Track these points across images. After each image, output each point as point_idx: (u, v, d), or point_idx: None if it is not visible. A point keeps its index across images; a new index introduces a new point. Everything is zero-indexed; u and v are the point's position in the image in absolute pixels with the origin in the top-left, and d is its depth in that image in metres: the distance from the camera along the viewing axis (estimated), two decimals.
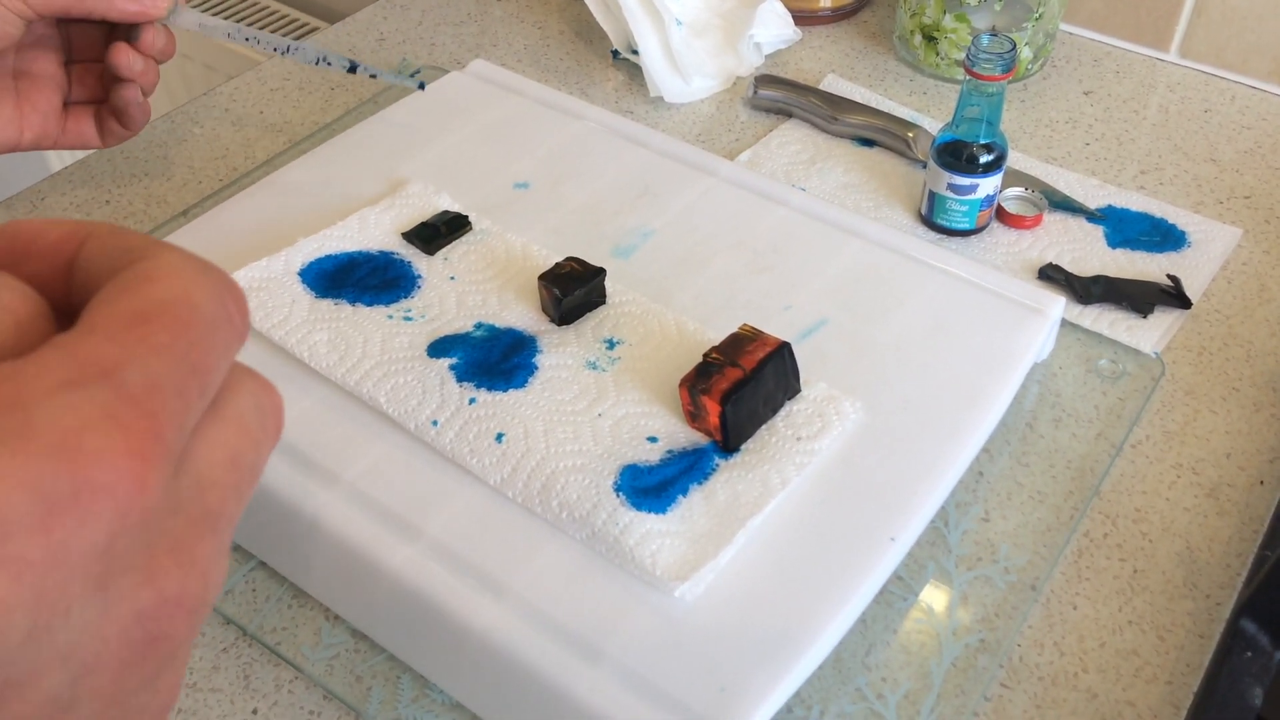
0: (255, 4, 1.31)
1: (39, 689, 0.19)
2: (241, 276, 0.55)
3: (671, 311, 0.54)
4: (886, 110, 0.75)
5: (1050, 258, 0.65)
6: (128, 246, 0.22)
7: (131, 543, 0.20)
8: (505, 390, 0.50)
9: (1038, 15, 0.76)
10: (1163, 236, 0.67)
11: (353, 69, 0.55)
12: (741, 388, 0.47)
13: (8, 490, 0.18)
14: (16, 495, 0.18)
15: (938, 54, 0.78)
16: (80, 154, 1.55)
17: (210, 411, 0.22)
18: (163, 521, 0.20)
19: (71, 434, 0.19)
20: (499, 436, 0.48)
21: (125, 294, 0.21)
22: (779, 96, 0.76)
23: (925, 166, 0.68)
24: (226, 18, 1.30)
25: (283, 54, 0.59)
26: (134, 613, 0.20)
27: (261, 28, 1.29)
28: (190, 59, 1.33)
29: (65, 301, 0.23)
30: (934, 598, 0.49)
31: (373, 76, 0.57)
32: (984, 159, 0.63)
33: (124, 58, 0.59)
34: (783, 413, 0.50)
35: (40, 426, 0.18)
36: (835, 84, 0.79)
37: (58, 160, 1.68)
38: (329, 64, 0.56)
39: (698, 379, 0.48)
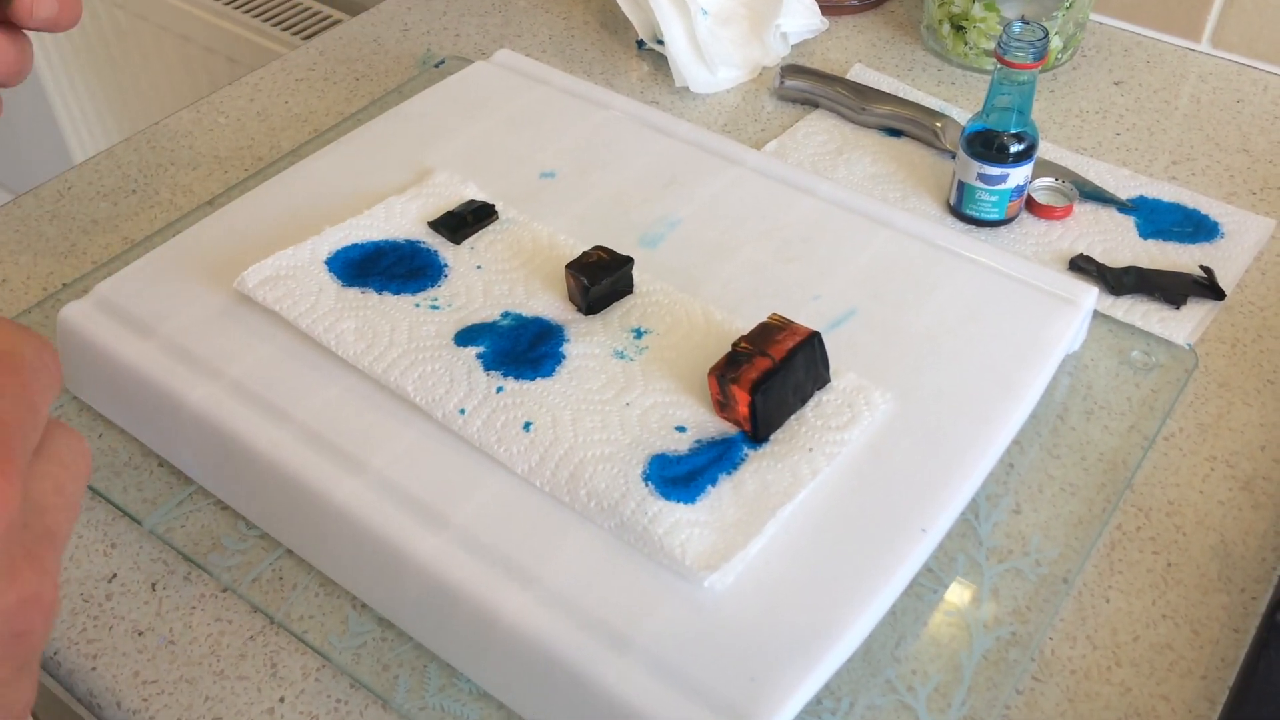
0: None
1: None
2: (268, 265, 0.55)
3: (699, 301, 0.54)
4: (914, 100, 0.74)
5: (1081, 248, 0.64)
6: None
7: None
8: (533, 379, 0.50)
9: (1068, 5, 0.75)
10: (1195, 227, 0.66)
11: None
12: (771, 377, 0.47)
13: None
14: None
15: (966, 44, 0.78)
16: (105, 144, 1.54)
17: (36, 449, 0.26)
18: (19, 534, 0.24)
19: None
20: (527, 425, 0.48)
21: None
22: (805, 87, 0.75)
23: (954, 157, 0.67)
24: (247, 12, 1.30)
25: None
26: (2, 611, 0.23)
27: (286, 20, 1.29)
28: (213, 51, 1.33)
29: None
30: (964, 590, 0.48)
31: None
32: (1014, 148, 0.63)
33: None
34: (812, 403, 0.49)
35: None
36: (862, 74, 0.78)
37: (80, 150, 1.68)
38: None
39: (727, 368, 0.47)
